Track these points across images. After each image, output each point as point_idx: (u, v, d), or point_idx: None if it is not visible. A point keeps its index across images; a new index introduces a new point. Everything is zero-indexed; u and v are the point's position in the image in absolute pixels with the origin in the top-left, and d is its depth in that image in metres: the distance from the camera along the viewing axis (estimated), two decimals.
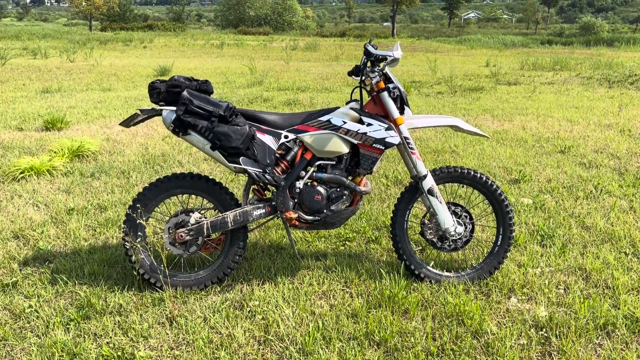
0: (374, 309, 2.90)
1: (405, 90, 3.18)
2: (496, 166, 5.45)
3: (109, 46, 24.84)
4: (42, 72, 13.79)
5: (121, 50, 22.86)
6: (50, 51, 20.50)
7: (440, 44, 32.00)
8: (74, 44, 24.38)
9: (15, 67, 14.78)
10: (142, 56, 19.92)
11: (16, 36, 29.92)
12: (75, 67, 15.17)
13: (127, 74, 13.52)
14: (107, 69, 14.72)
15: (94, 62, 16.39)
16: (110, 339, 2.60)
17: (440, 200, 3.12)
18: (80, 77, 12.81)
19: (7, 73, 13.40)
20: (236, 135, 2.89)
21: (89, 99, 9.56)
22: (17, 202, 4.40)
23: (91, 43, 25.16)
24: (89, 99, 9.56)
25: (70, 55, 17.80)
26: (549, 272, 3.31)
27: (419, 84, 12.09)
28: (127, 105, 8.95)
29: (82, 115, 8.00)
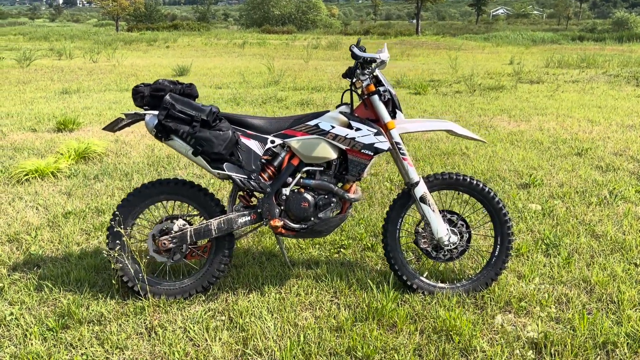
0: (360, 322, 2.78)
1: (396, 93, 3.05)
2: (507, 169, 5.25)
3: (133, 46, 25.15)
4: (65, 73, 13.99)
5: (144, 50, 23.11)
6: (76, 52, 20.83)
7: (465, 41, 31.47)
8: (99, 44, 24.75)
9: (39, 68, 15.04)
10: (164, 56, 20.08)
11: (45, 37, 30.54)
12: (97, 67, 15.36)
13: (147, 74, 13.62)
14: (127, 69, 14.86)
15: (116, 62, 16.57)
16: (86, 350, 2.54)
17: (433, 208, 2.98)
18: (100, 78, 12.95)
19: (30, 74, 13.64)
20: (218, 141, 2.81)
21: (105, 100, 9.63)
22: (18, 205, 4.41)
23: (115, 43, 25.51)
24: (105, 100, 9.63)
25: (94, 56, 18.05)
26: (549, 284, 3.13)
27: (437, 82, 11.86)
28: None
29: (95, 116, 8.05)
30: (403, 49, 23.90)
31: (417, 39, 33.17)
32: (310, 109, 8.55)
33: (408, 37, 34.81)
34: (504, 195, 4.57)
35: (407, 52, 22.02)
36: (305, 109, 8.52)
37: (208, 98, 9.59)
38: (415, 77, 12.86)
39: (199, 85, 11.64)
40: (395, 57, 19.60)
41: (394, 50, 22.97)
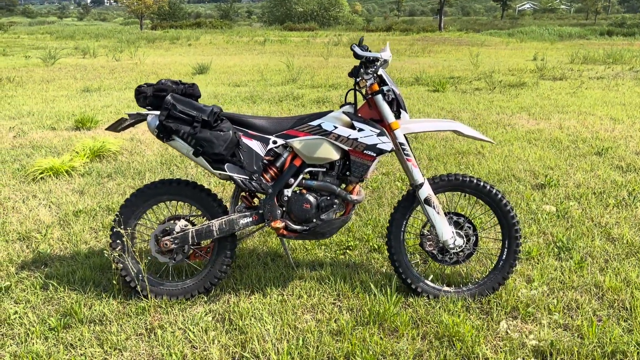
0: (362, 326, 2.73)
1: (401, 93, 2.98)
2: (522, 169, 5.13)
3: (156, 44, 25.41)
4: (87, 71, 14.19)
5: (166, 48, 23.32)
6: (100, 50, 21.13)
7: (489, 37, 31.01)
8: (122, 43, 25.07)
9: (63, 67, 15.29)
10: (186, 54, 20.24)
11: (71, 36, 31.08)
12: (119, 66, 15.55)
13: (167, 72, 13.73)
14: (148, 67, 15.01)
15: (138, 60, 16.76)
16: (85, 350, 2.55)
17: (437, 210, 2.92)
18: (121, 76, 13.10)
19: (54, 72, 13.87)
20: (219, 141, 2.79)
21: (124, 98, 9.73)
22: (31, 203, 4.47)
23: (138, 42, 25.80)
24: (125, 98, 9.73)
25: (117, 55, 18.28)
26: (559, 289, 3.04)
27: (457, 79, 11.69)
28: None
29: (114, 115, 8.14)
30: (424, 45, 23.66)
31: (439, 35, 32.79)
32: (326, 107, 8.51)
33: (430, 34, 34.42)
34: (518, 196, 4.46)
35: (429, 48, 21.79)
36: (322, 107, 8.48)
37: (225, 96, 9.62)
38: (435, 74, 12.70)
39: (218, 83, 11.70)
40: (416, 54, 19.41)
41: (415, 47, 22.76)
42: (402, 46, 23.46)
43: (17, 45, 24.17)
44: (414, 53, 19.78)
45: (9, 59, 17.47)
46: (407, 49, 21.38)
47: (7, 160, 5.71)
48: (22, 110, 8.48)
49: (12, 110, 8.57)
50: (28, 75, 13.15)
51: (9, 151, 6.06)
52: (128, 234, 2.94)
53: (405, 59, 17.44)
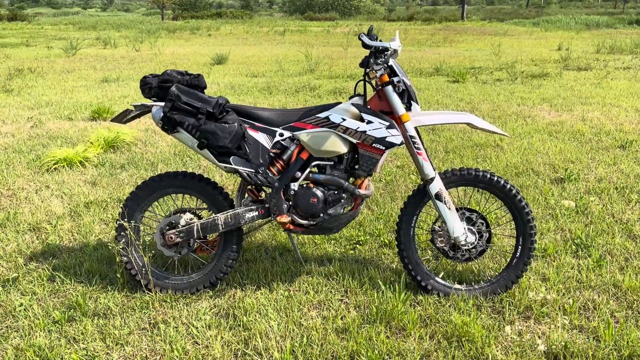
0: (368, 324, 2.66)
1: (412, 84, 2.88)
2: (541, 162, 4.98)
3: (176, 35, 25.48)
4: (107, 62, 14.28)
5: (186, 38, 23.36)
6: (122, 41, 21.25)
7: (513, 26, 30.40)
8: (143, 33, 25.19)
9: (84, 57, 15.41)
10: (205, 44, 20.25)
11: (93, 27, 31.35)
12: (139, 56, 15.61)
13: (185, 63, 13.74)
14: (167, 57, 15.04)
15: (157, 51, 16.81)
16: (87, 344, 2.53)
17: (449, 206, 2.82)
18: (140, 67, 13.14)
19: (75, 63, 13.98)
20: (224, 134, 2.73)
21: None
22: (44, 194, 4.48)
23: (159, 32, 25.91)
24: None
25: (137, 45, 18.36)
26: (575, 289, 2.93)
27: (478, 70, 11.46)
28: None
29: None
30: (446, 35, 23.29)
31: (461, 25, 32.27)
32: (342, 97, 8.40)
33: (452, 23, 33.88)
34: (536, 190, 4.33)
35: (450, 38, 21.43)
36: (338, 98, 8.38)
37: (242, 87, 9.57)
38: (455, 64, 12.48)
39: (235, 74, 11.66)
40: (437, 44, 19.11)
41: (437, 36, 22.41)
42: (423, 36, 23.12)
43: (41, 36, 24.45)
44: (435, 43, 19.48)
45: (32, 50, 17.67)
46: (428, 39, 21.07)
47: (24, 150, 5.75)
48: (41, 101, 8.55)
49: (31, 100, 8.64)
50: (49, 65, 13.28)
51: (25, 141, 6.10)
52: (132, 227, 2.90)
53: (426, 49, 17.19)
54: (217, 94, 8.96)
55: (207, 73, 11.77)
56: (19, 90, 9.62)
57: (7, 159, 5.42)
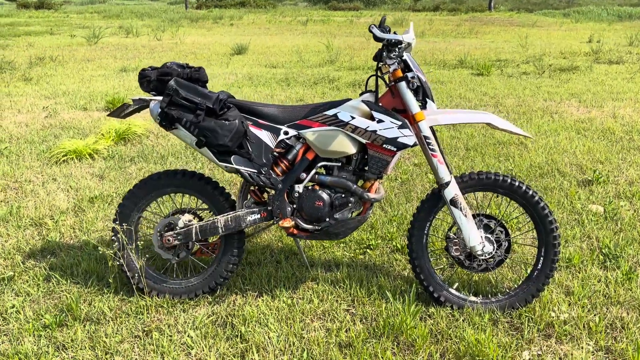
0: (375, 338, 2.48)
1: (427, 80, 2.67)
2: (568, 163, 4.71)
3: (199, 24, 25.38)
4: (128, 51, 14.23)
5: (208, 28, 23.24)
6: (144, 29, 21.23)
7: (542, 17, 29.54)
8: (166, 22, 25.17)
9: (105, 46, 15.39)
10: (227, 34, 20.10)
11: (117, 15, 31.47)
12: (160, 45, 15.54)
13: (206, 53, 13.61)
14: (188, 47, 14.94)
15: (178, 40, 16.73)
16: (76, 353, 2.40)
17: (465, 212, 2.61)
18: (160, 56, 13.06)
19: (96, 52, 13.97)
20: (223, 131, 2.55)
21: None
22: (50, 187, 4.38)
23: (181, 21, 25.86)
24: None
25: (158, 34, 18.31)
26: (602, 304, 2.69)
27: (504, 62, 11.08)
28: None
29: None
30: (472, 26, 22.71)
31: (488, 16, 31.48)
32: (362, 89, 8.15)
33: (479, 14, 33.08)
34: (561, 193, 4.07)
35: (476, 29, 20.88)
36: (357, 91, 8.15)
37: (260, 78, 9.40)
38: (480, 56, 12.10)
39: (254, 64, 11.49)
40: (462, 35, 18.63)
41: (462, 27, 21.88)
42: (449, 27, 22.61)
43: (65, 24, 24.60)
44: (460, 34, 19.00)
45: (55, 38, 17.75)
46: (453, 30, 20.58)
47: (35, 141, 5.67)
48: (59, 90, 8.51)
49: (49, 89, 8.61)
50: (70, 54, 13.28)
51: (38, 132, 6.03)
52: (124, 229, 2.76)
53: (451, 40, 16.76)
54: (235, 84, 8.81)
55: (226, 63, 11.63)
56: (37, 79, 9.61)
57: (18, 150, 5.35)
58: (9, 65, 11.08)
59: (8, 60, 11.68)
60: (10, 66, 10.98)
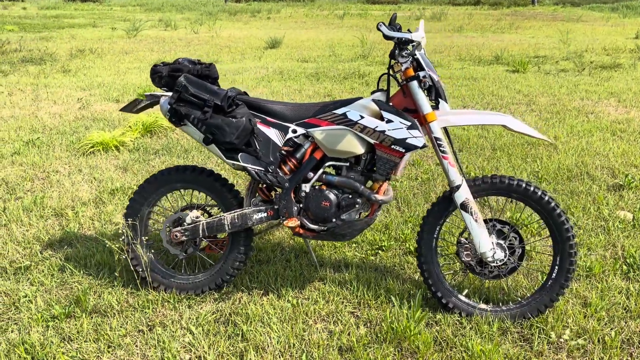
0: (377, 343, 2.43)
1: (440, 79, 2.58)
2: (599, 166, 4.51)
3: (236, 17, 25.58)
4: (165, 44, 14.45)
5: (245, 21, 23.39)
6: (184, 22, 21.53)
7: (588, 11, 28.51)
8: (204, 15, 25.45)
9: (143, 39, 15.67)
10: (263, 27, 20.17)
11: (159, 8, 32.02)
12: (197, 38, 15.72)
13: (240, 46, 13.70)
14: (223, 40, 15.06)
15: (214, 33, 16.88)
16: (80, 345, 2.43)
17: (476, 217, 2.52)
18: (195, 49, 13.21)
19: (134, 44, 14.23)
20: (230, 129, 2.54)
21: None
22: (75, 178, 4.47)
23: (219, 14, 26.10)
24: None
25: (195, 27, 18.53)
26: (620, 318, 2.56)
27: (542, 59, 10.74)
28: (224, 78, 8.95)
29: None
30: (512, 20, 22.12)
31: (531, 10, 30.59)
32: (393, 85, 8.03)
33: (522, 8, 32.18)
34: (589, 198, 3.90)
35: (517, 24, 20.32)
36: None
37: (290, 72, 9.39)
38: (518, 52, 11.77)
39: (287, 58, 11.49)
40: (502, 30, 18.17)
41: (502, 22, 21.34)
42: (488, 21, 22.08)
43: (108, 17, 25.20)
44: (500, 29, 18.52)
45: (97, 31, 18.19)
46: (492, 25, 20.08)
47: (67, 132, 5.81)
48: (94, 82, 8.70)
49: (85, 81, 8.81)
50: (109, 47, 13.58)
51: (71, 123, 6.18)
52: (134, 223, 2.78)
53: (489, 35, 16.37)
54: (265, 79, 8.83)
55: (259, 57, 11.67)
56: (76, 70, 9.86)
57: (49, 140, 5.49)
58: (50, 57, 11.42)
59: (50, 52, 12.04)
60: (51, 58, 11.31)
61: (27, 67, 10.09)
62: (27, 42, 13.81)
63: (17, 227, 3.57)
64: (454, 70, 9.48)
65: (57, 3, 37.96)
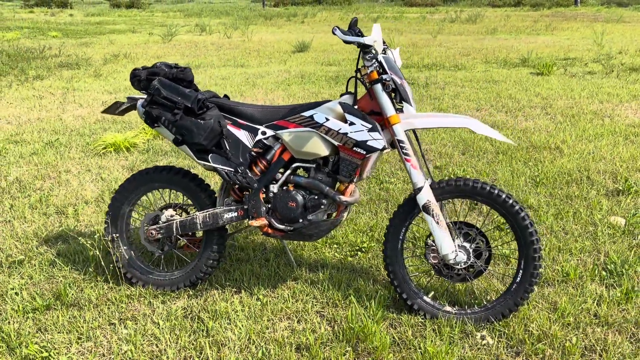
0: (335, 342, 2.46)
1: (407, 82, 2.60)
2: (602, 171, 4.40)
3: (272, 22, 25.91)
4: (197, 48, 14.79)
5: (279, 25, 23.66)
6: (219, 27, 21.96)
7: (633, 12, 27.53)
8: (240, 20, 25.88)
9: (178, 43, 16.08)
10: (295, 31, 20.38)
11: (198, 14, 32.74)
12: (228, 43, 16.03)
13: (269, 50, 13.89)
14: (253, 44, 15.30)
15: (246, 38, 17.16)
16: (53, 336, 2.56)
17: (437, 219, 2.52)
18: (225, 53, 13.48)
19: (168, 49, 14.63)
20: (198, 130, 2.63)
21: (216, 75, 9.97)
22: (83, 177, 4.67)
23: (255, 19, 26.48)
24: (216, 75, 9.97)
25: (229, 32, 18.88)
26: (586, 324, 2.51)
27: (571, 61, 10.48)
28: (247, 82, 9.12)
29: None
30: (550, 22, 21.59)
31: (573, 10, 29.75)
32: None
33: (563, 8, 31.36)
34: (584, 202, 3.82)
35: (554, 25, 19.83)
36: None
37: (312, 75, 9.48)
38: (548, 54, 11.51)
39: (312, 62, 11.59)
40: (537, 32, 17.77)
41: (540, 23, 20.85)
42: (525, 23, 21.63)
43: (148, 23, 25.93)
44: (535, 31, 18.13)
45: (135, 36, 18.76)
46: (528, 27, 19.67)
47: (85, 133, 6.06)
48: (121, 86, 9.01)
49: (114, 85, 9.14)
50: (143, 51, 14.00)
51: (91, 125, 6.44)
52: (113, 220, 2.91)
53: (523, 37, 16.04)
54: (285, 82, 8.94)
55: (284, 60, 11.81)
56: (107, 75, 10.22)
57: (68, 141, 5.74)
58: (86, 62, 11.88)
59: (87, 57, 12.53)
60: (86, 63, 11.77)
61: (61, 72, 10.53)
62: (68, 48, 14.40)
63: (19, 223, 3.77)
64: (475, 73, 9.36)
65: (102, 10, 39.34)
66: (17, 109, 7.32)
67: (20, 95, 8.21)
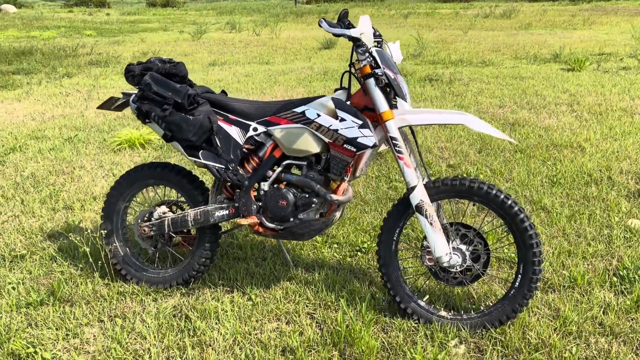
0: (321, 346, 2.38)
1: (403, 77, 2.49)
2: (625, 171, 4.17)
3: (302, 19, 25.88)
4: (225, 46, 14.87)
5: (309, 23, 23.60)
6: (249, 25, 22.06)
7: None
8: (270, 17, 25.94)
9: (207, 41, 16.22)
10: None
11: (230, 12, 33.00)
12: (256, 40, 16.07)
13: (296, 47, 13.85)
14: (281, 41, 15.29)
15: (274, 35, 17.17)
16: (42, 331, 2.56)
17: (431, 220, 2.41)
18: (252, 50, 13.50)
19: (196, 46, 14.76)
20: (187, 126, 2.58)
21: (240, 72, 9.98)
22: (95, 173, 4.71)
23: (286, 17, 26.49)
24: (240, 72, 9.97)
25: (257, 29, 18.93)
26: (590, 332, 2.36)
27: (607, 56, 10.07)
28: (269, 79, 9.10)
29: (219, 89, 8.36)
30: (588, 16, 20.88)
31: (614, 4, 28.71)
32: (432, 86, 7.85)
33: (604, 2, 30.30)
34: (601, 204, 3.62)
35: (593, 19, 19.16)
36: (426, 87, 7.84)
37: (335, 72, 9.38)
38: (582, 49, 11.10)
39: (337, 58, 11.49)
40: (573, 26, 17.20)
41: (577, 18, 20.19)
42: (563, 17, 20.99)
43: (180, 21, 26.27)
44: (572, 25, 17.55)
45: (167, 34, 19.01)
46: (565, 21, 19.07)
47: (104, 130, 6.13)
48: None
49: None
50: (172, 49, 14.16)
51: (111, 121, 6.51)
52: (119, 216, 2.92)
53: (558, 32, 15.55)
54: (307, 79, 8.87)
55: (309, 57, 11.75)
56: None
57: (86, 137, 5.81)
58: (115, 59, 12.09)
59: (116, 55, 12.74)
60: (116, 60, 11.97)
61: (90, 70, 10.73)
62: (100, 46, 14.68)
63: (27, 218, 3.82)
64: (503, 69, 9.10)
65: (138, 9, 40.09)
66: (42, 106, 7.48)
67: (48, 92, 8.39)
